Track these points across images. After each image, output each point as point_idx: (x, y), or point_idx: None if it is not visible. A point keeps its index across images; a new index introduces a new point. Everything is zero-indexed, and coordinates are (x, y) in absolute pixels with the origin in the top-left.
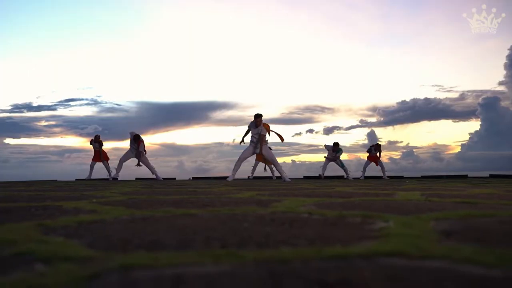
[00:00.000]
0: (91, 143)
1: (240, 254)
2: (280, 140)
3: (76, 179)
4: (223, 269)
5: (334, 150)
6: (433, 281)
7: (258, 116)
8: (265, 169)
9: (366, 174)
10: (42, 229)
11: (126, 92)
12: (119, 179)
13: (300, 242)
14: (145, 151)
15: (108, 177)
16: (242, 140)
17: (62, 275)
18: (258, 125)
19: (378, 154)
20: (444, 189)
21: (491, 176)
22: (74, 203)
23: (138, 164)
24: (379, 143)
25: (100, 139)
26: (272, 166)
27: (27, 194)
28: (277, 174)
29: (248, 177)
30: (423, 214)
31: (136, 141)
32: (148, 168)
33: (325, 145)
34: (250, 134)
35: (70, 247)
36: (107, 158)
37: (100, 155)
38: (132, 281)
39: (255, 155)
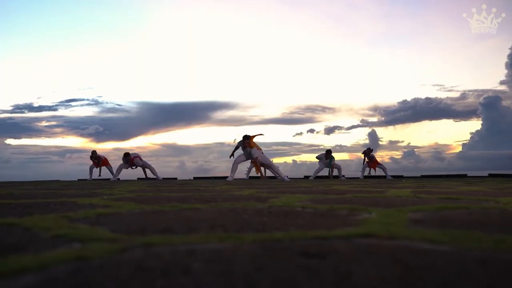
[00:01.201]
0: (90, 158)
1: (239, 237)
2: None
3: (78, 179)
4: (226, 246)
5: (327, 157)
6: (390, 252)
7: (246, 138)
8: (261, 176)
9: (355, 175)
10: (67, 219)
11: (127, 92)
12: (120, 179)
13: (291, 228)
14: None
15: (111, 177)
16: (232, 155)
17: (98, 249)
18: (246, 146)
19: (365, 158)
20: (436, 187)
21: (490, 175)
22: (87, 199)
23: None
24: (370, 148)
25: (97, 154)
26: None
27: (41, 192)
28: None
29: (245, 175)
30: (405, 208)
31: (128, 160)
32: (150, 169)
33: (316, 156)
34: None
35: (97, 232)
36: (109, 164)
37: (98, 164)
38: (155, 253)
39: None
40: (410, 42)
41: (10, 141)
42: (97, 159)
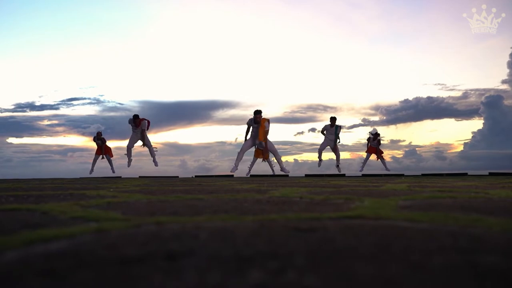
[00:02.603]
0: (94, 140)
1: (240, 218)
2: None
3: (80, 177)
4: (228, 224)
5: (332, 125)
6: (373, 229)
7: (258, 113)
8: (263, 159)
9: (365, 172)
10: (80, 206)
11: (128, 91)
12: (122, 177)
13: (288, 213)
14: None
15: (112, 171)
16: (246, 138)
17: (115, 226)
18: (258, 121)
19: (377, 143)
20: (433, 182)
21: (490, 174)
22: (95, 191)
23: (144, 145)
24: (378, 133)
25: (102, 136)
26: (271, 160)
27: (49, 186)
28: (276, 171)
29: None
30: (396, 197)
31: (136, 122)
32: (150, 149)
33: (321, 130)
34: (250, 130)
35: (110, 214)
36: (111, 154)
37: (101, 150)
38: (165, 228)
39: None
40: (412, 41)
41: (12, 140)
42: (101, 140)
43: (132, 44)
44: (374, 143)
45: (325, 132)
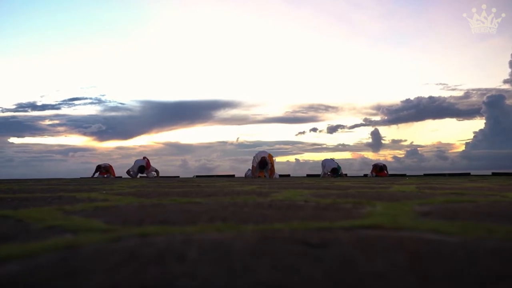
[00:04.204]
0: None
1: (239, 228)
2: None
3: (80, 178)
4: (225, 236)
5: (334, 172)
6: (397, 244)
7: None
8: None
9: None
10: (63, 212)
11: (130, 91)
12: (123, 176)
13: (293, 220)
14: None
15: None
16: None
17: (89, 239)
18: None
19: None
20: (440, 183)
21: (493, 174)
22: (86, 194)
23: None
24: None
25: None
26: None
27: (40, 188)
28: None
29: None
30: (409, 201)
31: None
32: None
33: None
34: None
35: (91, 223)
36: (114, 174)
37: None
38: (149, 242)
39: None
40: (413, 41)
41: (13, 140)
42: (105, 169)
43: (132, 44)
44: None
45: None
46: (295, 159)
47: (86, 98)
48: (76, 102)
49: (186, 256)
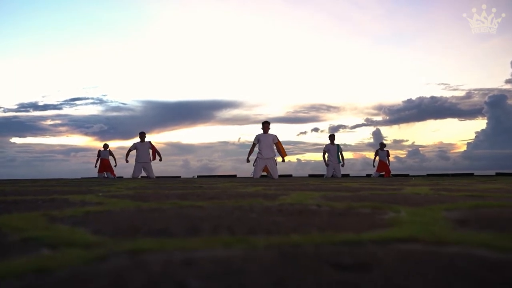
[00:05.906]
0: (98, 155)
1: (249, 241)
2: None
3: (81, 178)
4: (233, 254)
5: (333, 143)
6: (449, 263)
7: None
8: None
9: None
10: (49, 218)
11: (131, 91)
12: (124, 176)
13: (310, 229)
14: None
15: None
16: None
17: (67, 259)
18: (266, 131)
19: (376, 158)
20: (451, 184)
21: (497, 174)
22: (80, 196)
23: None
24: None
25: (109, 148)
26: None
27: (34, 189)
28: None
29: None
30: (433, 205)
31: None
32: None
33: (324, 150)
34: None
35: (76, 233)
36: (113, 174)
37: (104, 167)
38: (140, 264)
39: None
40: (415, 41)
41: (15, 140)
42: (109, 152)
43: (133, 44)
44: (383, 154)
45: (326, 155)
46: (297, 159)
47: (87, 98)
48: (77, 102)
49: (186, 286)
